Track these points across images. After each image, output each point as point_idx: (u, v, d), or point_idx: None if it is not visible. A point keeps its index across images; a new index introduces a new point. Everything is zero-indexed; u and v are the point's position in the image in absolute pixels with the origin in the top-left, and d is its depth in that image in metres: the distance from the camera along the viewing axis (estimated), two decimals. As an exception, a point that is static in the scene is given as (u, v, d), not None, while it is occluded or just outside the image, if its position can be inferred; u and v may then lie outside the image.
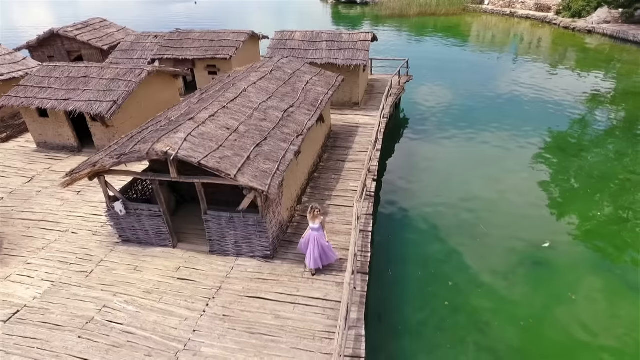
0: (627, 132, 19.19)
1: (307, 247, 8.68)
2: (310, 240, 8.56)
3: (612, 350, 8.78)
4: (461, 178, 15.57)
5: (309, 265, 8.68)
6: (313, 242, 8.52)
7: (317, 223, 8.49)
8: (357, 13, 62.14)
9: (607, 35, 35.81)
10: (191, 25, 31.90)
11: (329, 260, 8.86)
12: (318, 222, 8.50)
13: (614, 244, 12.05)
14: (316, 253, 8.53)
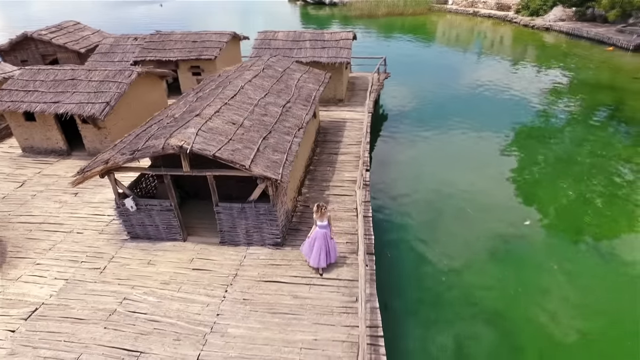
0: (586, 120, 20.84)
1: (311, 248, 8.75)
2: (318, 238, 8.63)
3: (588, 308, 9.85)
4: (441, 167, 16.54)
5: (317, 264, 8.74)
6: (322, 239, 8.61)
7: (325, 220, 8.61)
8: (326, 14, 62.95)
9: (563, 32, 38.28)
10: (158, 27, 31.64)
11: (335, 257, 8.97)
12: (325, 220, 8.62)
13: (584, 218, 13.29)
14: (324, 250, 8.64)
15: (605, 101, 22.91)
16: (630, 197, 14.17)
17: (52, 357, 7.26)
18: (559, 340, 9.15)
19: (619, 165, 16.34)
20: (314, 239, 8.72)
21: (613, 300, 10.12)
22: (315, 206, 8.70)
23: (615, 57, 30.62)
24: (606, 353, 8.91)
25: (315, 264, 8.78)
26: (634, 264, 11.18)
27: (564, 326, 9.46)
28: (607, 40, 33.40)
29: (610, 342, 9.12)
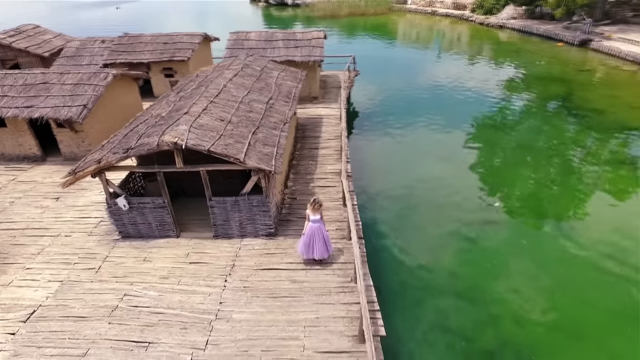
0: (541, 110, 22.45)
1: (307, 245, 8.91)
2: (314, 233, 8.78)
3: (554, 275, 10.91)
4: (413, 159, 17.40)
5: (321, 255, 8.91)
6: (317, 234, 8.79)
7: (318, 215, 8.81)
8: (289, 15, 63.35)
9: (515, 30, 40.67)
10: (116, 30, 30.96)
11: (330, 249, 9.17)
12: (318, 215, 8.83)
13: (544, 197, 14.50)
14: (320, 243, 8.84)
15: (557, 92, 24.73)
16: (582, 178, 15.56)
17: (58, 354, 7.32)
18: (526, 308, 10.08)
19: (571, 149, 17.84)
20: (309, 235, 8.84)
21: (568, 273, 11.20)
22: (311, 200, 8.81)
23: (564, 51, 32.98)
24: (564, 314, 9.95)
25: (319, 256, 8.95)
26: (585, 239, 12.39)
27: (528, 295, 10.45)
28: (555, 36, 35.86)
29: (562, 305, 10.17)
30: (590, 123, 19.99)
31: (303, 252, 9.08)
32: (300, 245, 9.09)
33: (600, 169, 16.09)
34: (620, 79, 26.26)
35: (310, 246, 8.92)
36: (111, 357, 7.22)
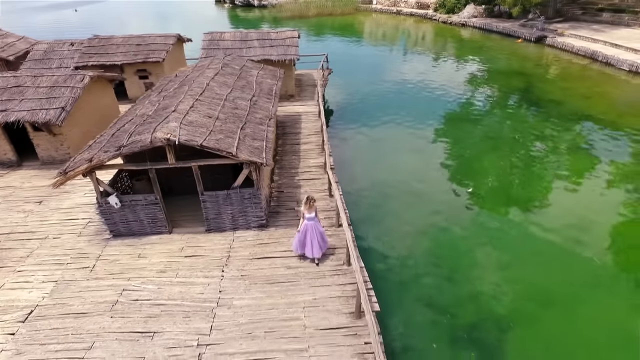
0: (504, 102, 23.82)
1: (302, 242, 9.09)
2: (308, 230, 8.93)
3: (523, 253, 11.85)
4: (387, 152, 18.05)
5: (312, 254, 9.08)
6: (312, 231, 8.94)
7: (313, 212, 8.95)
8: (255, 16, 63.29)
9: (477, 28, 42.55)
10: (76, 32, 30.23)
11: (326, 245, 9.34)
12: (313, 212, 8.97)
13: (512, 183, 15.57)
14: (316, 240, 8.99)
15: (518, 85, 26.24)
16: (544, 164, 16.77)
17: (63, 349, 7.43)
18: (501, 283, 10.92)
19: (534, 137, 19.11)
20: (304, 232, 8.99)
21: (535, 250, 12.15)
22: (305, 198, 8.99)
23: (522, 47, 34.88)
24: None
25: (310, 255, 9.12)
26: (549, 219, 13.47)
27: (501, 272, 11.33)
28: (513, 33, 37.83)
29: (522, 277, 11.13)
30: (549, 112, 21.42)
31: (297, 249, 9.24)
32: (295, 242, 9.25)
33: (560, 154, 17.39)
34: (573, 71, 28.16)
35: (304, 243, 9.08)
36: (118, 348, 7.41)
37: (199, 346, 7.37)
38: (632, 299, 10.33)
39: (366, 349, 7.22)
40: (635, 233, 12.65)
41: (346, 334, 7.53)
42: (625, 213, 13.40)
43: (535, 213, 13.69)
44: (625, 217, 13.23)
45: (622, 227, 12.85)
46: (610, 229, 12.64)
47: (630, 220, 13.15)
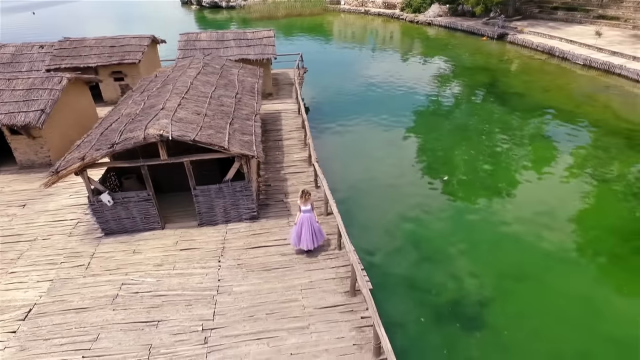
0: (471, 96, 25.07)
1: (298, 234, 9.29)
2: (304, 222, 9.20)
3: (496, 234, 12.75)
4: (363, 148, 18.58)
5: (307, 246, 9.32)
6: (307, 224, 9.20)
7: (308, 205, 9.24)
8: (224, 17, 62.91)
9: (442, 26, 44.14)
10: (36, 36, 29.38)
11: (322, 238, 9.58)
12: (309, 205, 9.26)
13: (485, 170, 16.57)
14: (309, 233, 9.22)
15: (483, 80, 27.61)
16: (509, 152, 17.89)
17: (69, 342, 7.57)
18: (477, 263, 11.74)
19: (499, 127, 20.30)
20: (300, 224, 9.23)
21: (506, 231, 13.10)
22: (300, 192, 9.30)
23: (486, 44, 36.55)
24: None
25: (306, 247, 9.35)
26: (517, 202, 14.51)
27: (477, 253, 12.19)
28: (477, 31, 39.55)
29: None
30: (513, 104, 22.74)
31: (295, 243, 9.45)
32: (293, 236, 9.46)
33: (524, 143, 18.59)
34: (533, 66, 29.86)
35: (300, 235, 9.30)
36: (124, 337, 7.62)
37: (204, 330, 7.70)
38: (593, 272, 11.38)
39: (362, 322, 7.77)
40: (594, 213, 13.83)
41: (343, 310, 8.05)
42: (585, 195, 14.59)
43: (506, 198, 14.68)
44: (586, 199, 14.41)
45: (583, 208, 14.01)
46: (573, 210, 13.74)
47: (590, 201, 14.34)
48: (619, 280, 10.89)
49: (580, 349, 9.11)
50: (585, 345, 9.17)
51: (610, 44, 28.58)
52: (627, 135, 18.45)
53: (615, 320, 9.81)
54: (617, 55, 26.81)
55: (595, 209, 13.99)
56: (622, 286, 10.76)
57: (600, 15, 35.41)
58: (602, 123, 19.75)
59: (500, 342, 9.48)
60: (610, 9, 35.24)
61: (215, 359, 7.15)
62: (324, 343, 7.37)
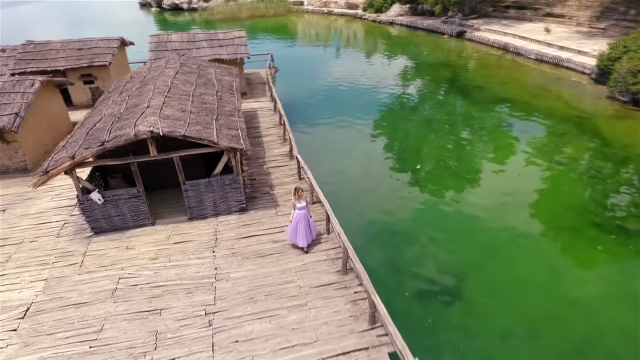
0: (435, 90, 26.39)
1: (295, 231, 9.48)
2: (299, 220, 9.38)
3: (467, 218, 13.78)
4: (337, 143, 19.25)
5: (301, 243, 9.50)
6: (303, 220, 9.40)
7: (303, 202, 9.43)
8: (186, 19, 62.06)
9: (404, 25, 45.72)
10: None
11: (315, 233, 9.82)
12: (303, 201, 9.45)
13: (453, 159, 17.68)
14: (305, 229, 9.43)
15: (445, 75, 29.03)
16: (473, 142, 19.15)
17: (73, 335, 7.73)
18: (453, 243, 12.68)
19: (464, 120, 21.61)
20: (296, 222, 9.41)
21: (476, 214, 14.14)
22: (293, 190, 9.55)
23: (446, 42, 38.28)
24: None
25: (302, 244, 9.54)
26: (484, 188, 15.67)
27: (452, 234, 13.16)
28: (436, 29, 41.31)
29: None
30: (474, 97, 24.18)
31: (292, 239, 9.63)
32: (289, 233, 9.67)
33: (486, 132, 19.94)
34: (491, 61, 31.68)
35: (296, 232, 9.50)
36: (128, 326, 7.87)
37: (207, 314, 8.07)
38: (555, 243, 12.57)
39: (356, 297, 8.40)
40: (553, 192, 15.17)
41: (337, 287, 8.65)
42: (544, 177, 15.94)
43: (474, 183, 15.79)
44: (545, 180, 15.75)
45: (543, 188, 15.31)
46: (534, 191, 15.00)
47: (549, 182, 15.69)
48: (577, 250, 12.13)
49: (546, 311, 10.15)
50: (550, 307, 10.22)
51: (558, 40, 30.83)
52: (577, 122, 20.17)
53: (574, 284, 10.99)
54: (564, 50, 28.98)
55: (554, 189, 15.33)
56: (579, 254, 12.00)
57: (548, 13, 37.97)
58: (555, 112, 21.43)
59: (477, 310, 10.39)
60: (556, 7, 37.86)
61: (221, 338, 7.55)
62: (322, 317, 7.94)
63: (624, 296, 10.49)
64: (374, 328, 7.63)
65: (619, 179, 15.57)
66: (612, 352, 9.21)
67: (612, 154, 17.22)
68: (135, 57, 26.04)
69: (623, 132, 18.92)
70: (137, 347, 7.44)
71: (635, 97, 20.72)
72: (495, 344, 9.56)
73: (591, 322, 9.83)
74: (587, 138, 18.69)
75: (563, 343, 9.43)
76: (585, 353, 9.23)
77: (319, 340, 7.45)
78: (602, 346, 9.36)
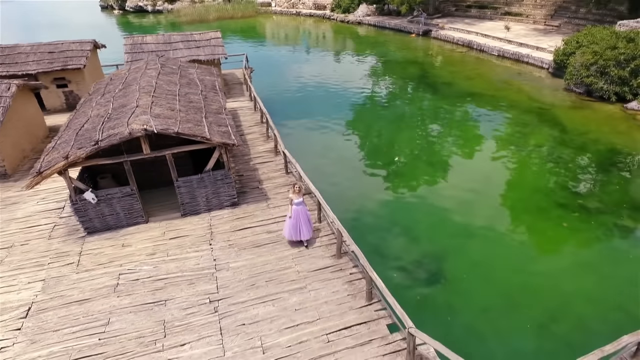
0: (405, 87, 27.46)
1: (294, 227, 9.64)
2: (299, 215, 9.58)
3: (444, 203, 14.67)
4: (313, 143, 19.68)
5: (303, 236, 9.72)
6: (302, 215, 9.62)
7: (301, 197, 9.64)
8: (151, 22, 60.93)
9: (372, 25, 46.87)
10: None
11: (312, 227, 9.96)
12: (301, 197, 9.66)
13: (426, 149, 18.61)
14: (304, 224, 9.63)
15: (414, 72, 30.17)
16: (446, 134, 20.23)
17: (80, 330, 7.88)
18: (432, 229, 13.52)
19: (434, 114, 22.69)
20: (295, 218, 9.60)
21: (452, 199, 15.11)
22: (292, 186, 9.83)
23: (414, 41, 39.63)
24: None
25: (302, 237, 9.76)
26: (457, 177, 16.68)
27: (431, 220, 14.00)
28: (403, 29, 42.66)
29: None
30: (443, 92, 25.37)
31: (292, 235, 9.77)
32: (288, 229, 9.78)
33: (456, 124, 21.07)
34: (456, 58, 33.17)
35: (297, 228, 9.69)
36: (135, 318, 8.09)
37: (211, 302, 8.41)
38: (525, 223, 13.61)
39: (352, 277, 8.97)
40: (520, 177, 16.32)
41: (333, 270, 9.19)
42: (511, 164, 17.11)
43: (448, 172, 16.72)
44: (513, 167, 16.92)
45: (511, 174, 16.46)
46: (503, 177, 16.13)
47: (516, 168, 16.86)
48: (545, 227, 13.20)
49: (521, 284, 11.06)
50: (524, 281, 11.14)
51: (518, 37, 32.67)
52: (539, 113, 21.63)
53: (545, 258, 12.03)
54: (524, 47, 30.78)
55: (521, 174, 16.50)
56: (547, 231, 13.07)
57: (507, 12, 40.06)
58: (518, 104, 22.86)
59: (459, 288, 11.18)
60: (514, 7, 40.01)
61: (228, 322, 7.93)
62: (322, 297, 8.45)
63: (588, 266, 11.60)
64: (371, 304, 8.22)
65: (578, 163, 16.95)
66: (580, 316, 10.21)
67: (570, 140, 18.66)
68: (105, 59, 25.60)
69: (580, 121, 20.49)
70: (147, 336, 7.69)
71: (589, 89, 22.44)
72: (478, 316, 10.36)
73: (561, 291, 10.82)
74: (548, 127, 20.10)
75: (538, 312, 10.34)
76: (558, 319, 10.17)
77: (321, 318, 7.96)
78: (572, 312, 10.35)
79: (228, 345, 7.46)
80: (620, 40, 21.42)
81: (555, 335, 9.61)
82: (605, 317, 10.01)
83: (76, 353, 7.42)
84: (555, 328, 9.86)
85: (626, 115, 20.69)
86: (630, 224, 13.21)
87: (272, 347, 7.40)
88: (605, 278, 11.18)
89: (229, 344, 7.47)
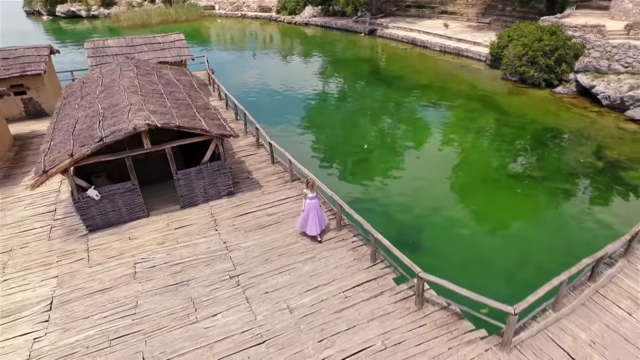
0: (359, 83, 29.11)
1: (306, 219, 10.00)
2: (311, 209, 9.91)
3: (415, 182, 16.26)
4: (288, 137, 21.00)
5: (315, 231, 10.02)
6: (315, 209, 9.96)
7: (315, 192, 10.02)
8: (86, 27, 58.01)
9: (319, 26, 48.38)
10: None
11: (325, 222, 10.37)
12: (315, 191, 10.04)
13: (390, 135, 20.22)
14: (318, 218, 10.00)
15: (365, 69, 31.95)
16: (403, 123, 22.03)
17: (111, 314, 8.25)
18: (406, 206, 15.06)
19: (389, 105, 24.47)
20: (308, 211, 9.95)
21: (421, 180, 16.81)
22: (305, 182, 10.44)
23: (361, 39, 41.61)
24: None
25: (314, 232, 10.07)
26: (419, 160, 18.43)
27: (406, 199, 15.53)
28: (350, 29, 44.57)
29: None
30: (396, 85, 27.28)
31: (303, 226, 10.15)
32: (301, 220, 10.17)
33: (411, 113, 22.96)
34: (403, 54, 35.50)
35: (307, 220, 10.02)
36: (161, 299, 8.60)
37: (231, 278, 9.11)
38: (483, 193, 15.46)
39: (354, 245, 10.07)
40: (474, 155, 18.34)
41: (336, 240, 10.23)
42: (465, 144, 19.14)
43: (410, 156, 18.32)
44: (466, 147, 18.95)
45: (465, 153, 18.44)
46: (458, 156, 18.03)
47: (469, 148, 18.91)
48: (502, 195, 15.15)
49: (489, 244, 12.78)
50: (491, 241, 12.88)
51: (455, 33, 35.65)
52: (482, 100, 24.11)
53: (506, 219, 13.90)
54: (462, 42, 33.71)
55: (474, 153, 18.52)
56: (504, 198, 15.02)
57: (443, 11, 43.33)
58: (464, 93, 25.28)
59: (438, 252, 12.63)
60: (448, 6, 43.37)
61: (252, 292, 8.69)
62: (332, 264, 9.46)
63: (541, 222, 13.62)
64: (376, 264, 9.38)
65: (521, 141, 19.35)
66: (540, 264, 12.06)
67: (512, 122, 21.14)
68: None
69: (517, 105, 23.17)
70: (179, 312, 8.26)
71: (522, 77, 25.35)
72: (459, 273, 11.84)
73: (523, 246, 12.65)
74: (491, 112, 22.54)
75: (506, 264, 12.06)
76: (524, 267, 11.93)
77: (335, 279, 8.97)
78: (533, 260, 12.18)
79: (257, 310, 8.25)
80: (544, 34, 24.48)
81: (522, 280, 11.34)
82: (559, 261, 11.92)
83: (113, 334, 7.83)
84: (521, 275, 11.62)
85: (554, 98, 23.72)
86: (569, 187, 15.55)
87: (297, 307, 8.30)
88: (556, 231, 13.22)
89: (258, 309, 8.27)
